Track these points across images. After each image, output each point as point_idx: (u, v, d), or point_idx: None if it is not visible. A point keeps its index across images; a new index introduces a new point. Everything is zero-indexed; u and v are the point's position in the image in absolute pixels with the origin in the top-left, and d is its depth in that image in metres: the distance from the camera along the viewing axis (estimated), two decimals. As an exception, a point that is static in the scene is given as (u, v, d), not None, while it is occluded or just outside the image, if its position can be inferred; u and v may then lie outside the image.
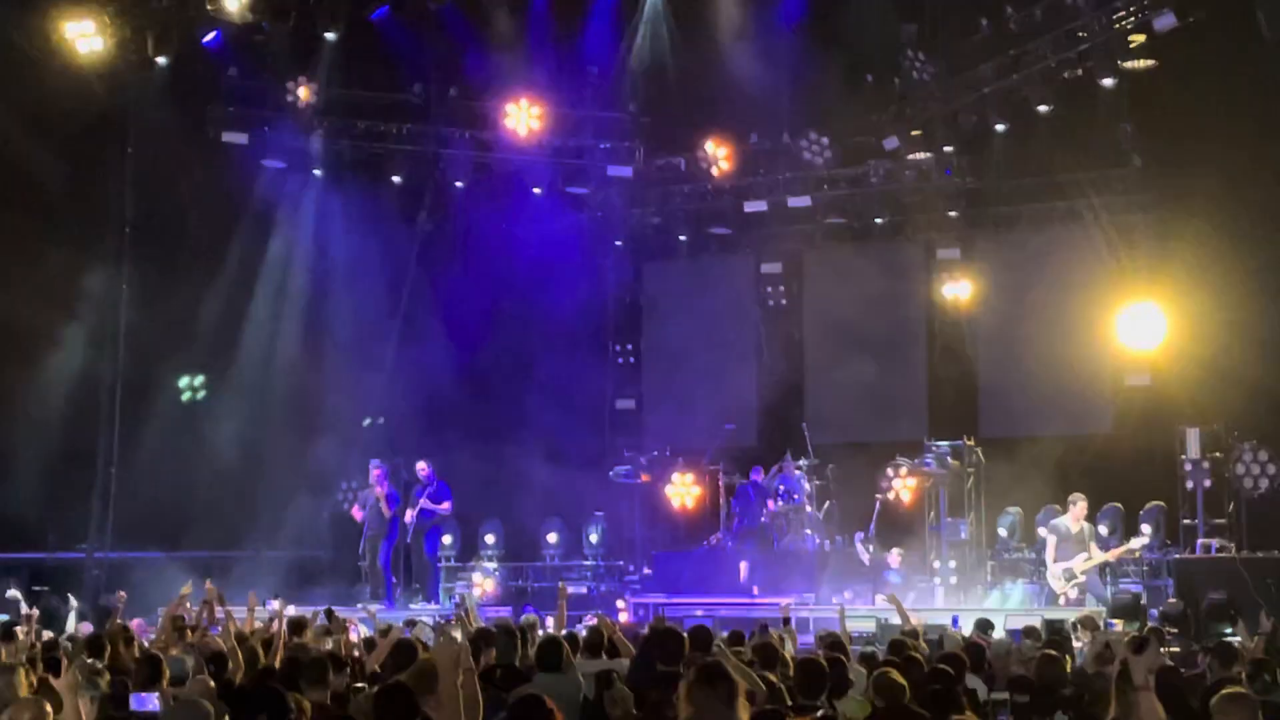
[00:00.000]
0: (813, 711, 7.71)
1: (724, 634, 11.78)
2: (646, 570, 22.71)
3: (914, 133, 23.15)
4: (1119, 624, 16.31)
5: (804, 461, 21.85)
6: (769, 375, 25.48)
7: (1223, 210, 19.89)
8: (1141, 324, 21.35)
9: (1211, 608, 17.36)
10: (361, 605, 18.74)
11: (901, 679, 8.08)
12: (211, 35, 22.26)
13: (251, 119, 23.38)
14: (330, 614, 13.53)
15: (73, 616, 18.62)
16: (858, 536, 21.41)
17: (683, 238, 26.27)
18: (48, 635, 13.84)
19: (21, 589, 19.56)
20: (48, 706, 7.38)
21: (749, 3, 23.60)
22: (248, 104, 23.35)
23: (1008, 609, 18.27)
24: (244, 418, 22.86)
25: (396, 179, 24.67)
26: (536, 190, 25.31)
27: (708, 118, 24.73)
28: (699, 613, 18.26)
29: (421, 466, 21.71)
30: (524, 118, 24.32)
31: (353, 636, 13.01)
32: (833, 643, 11.17)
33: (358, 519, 21.66)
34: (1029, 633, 13.32)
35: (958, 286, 23.59)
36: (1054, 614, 16.85)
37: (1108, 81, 20.75)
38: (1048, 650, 10.73)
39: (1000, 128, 22.32)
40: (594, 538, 23.55)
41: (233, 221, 23.27)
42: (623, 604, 21.10)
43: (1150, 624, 16.54)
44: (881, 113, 23.62)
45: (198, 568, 20.24)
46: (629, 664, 10.12)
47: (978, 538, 21.08)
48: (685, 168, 25.40)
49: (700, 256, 26.37)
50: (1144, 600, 18.49)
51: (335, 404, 23.84)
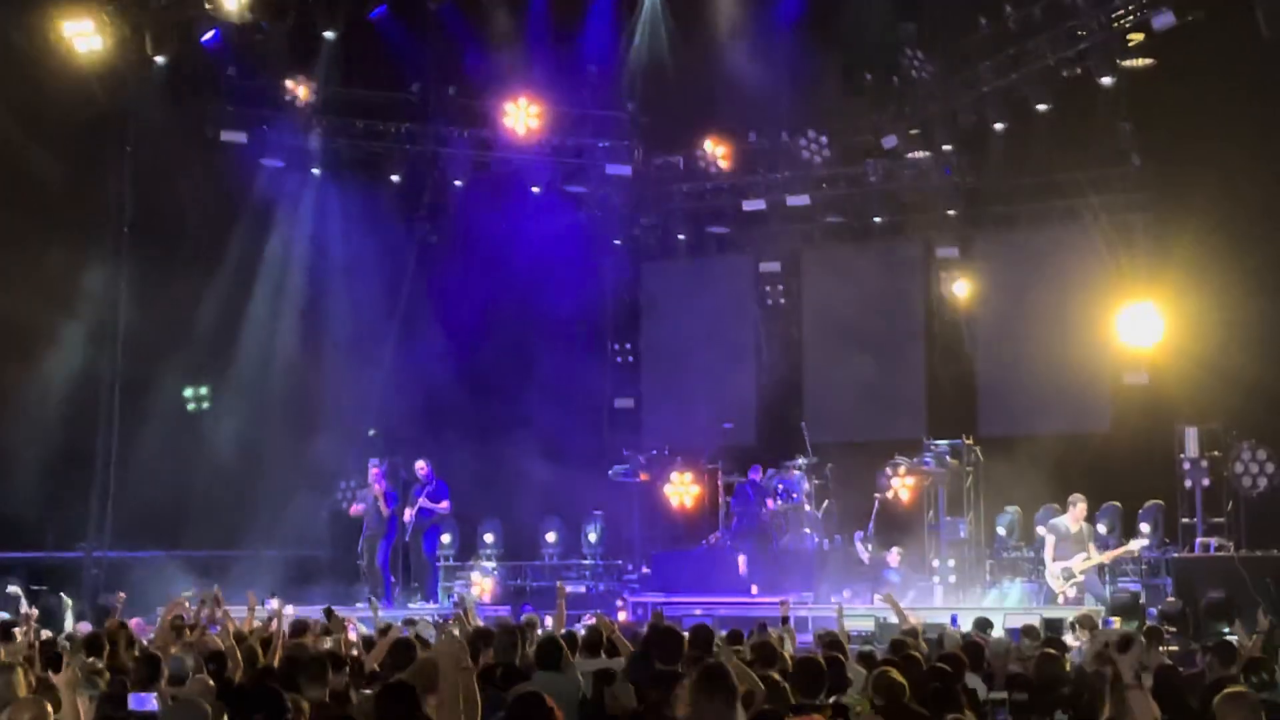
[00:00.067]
0: (811, 711, 7.70)
1: (722, 633, 11.77)
2: (645, 569, 22.70)
3: (913, 131, 23.16)
4: (1117, 622, 16.31)
5: (803, 460, 21.86)
6: (768, 374, 25.49)
7: (1221, 209, 19.87)
8: (1140, 323, 21.35)
9: (1210, 606, 17.36)
10: (364, 603, 18.75)
11: (901, 678, 8.08)
12: (210, 34, 22.24)
13: (250, 118, 23.36)
14: (329, 613, 13.53)
15: (70, 616, 18.61)
16: (857, 536, 21.42)
17: (681, 236, 26.28)
18: (46, 634, 13.83)
19: (21, 588, 19.55)
20: (48, 706, 7.38)
21: (748, 1, 23.61)
22: (247, 103, 23.33)
23: (1006, 608, 18.27)
24: (243, 417, 22.86)
25: (395, 178, 24.66)
26: (535, 189, 25.32)
27: (706, 116, 24.75)
28: (698, 612, 18.27)
29: (420, 465, 21.71)
30: (523, 116, 24.33)
31: (351, 635, 12.99)
32: (831, 642, 11.18)
33: (354, 515, 21.68)
34: (1028, 631, 13.33)
35: (956, 285, 23.59)
36: (1052, 613, 16.88)
37: (1106, 80, 20.76)
38: (1047, 649, 10.74)
39: (999, 127, 22.32)
40: (593, 537, 23.54)
41: (232, 220, 23.26)
42: (621, 603, 21.10)
43: (1149, 623, 16.53)
44: (880, 111, 23.66)
45: (196, 567, 20.33)
46: (627, 662, 10.11)
47: (976, 537, 21.09)
48: (684, 166, 25.41)
49: (699, 255, 26.37)
50: (1143, 599, 18.48)
51: (334, 403, 23.85)
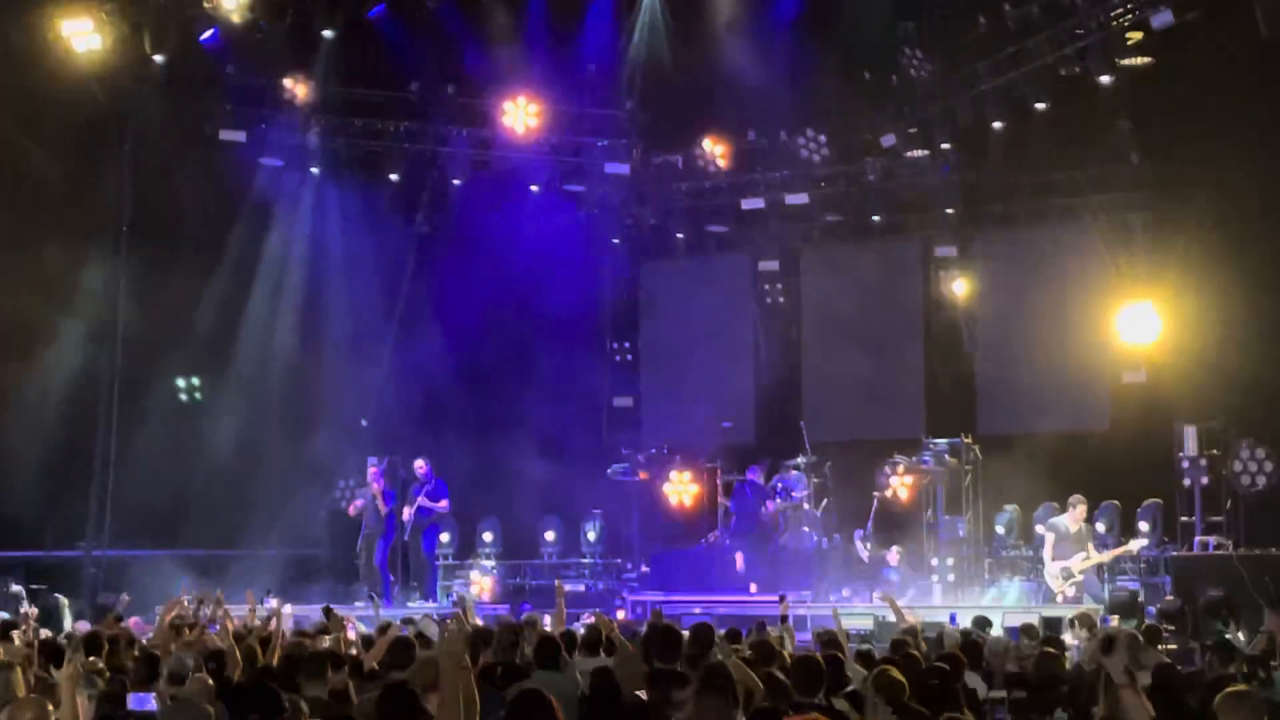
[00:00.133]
0: (810, 710, 7.70)
1: (721, 632, 11.77)
2: (644, 568, 22.70)
3: (911, 130, 23.15)
4: (1115, 621, 16.31)
5: (802, 459, 21.86)
6: (767, 373, 25.50)
7: (1220, 207, 19.88)
8: (1138, 321, 21.36)
9: (1209, 605, 17.34)
10: (364, 602, 18.75)
11: (901, 677, 8.08)
12: (209, 33, 22.26)
13: (249, 117, 23.35)
14: (328, 612, 13.50)
15: (69, 615, 18.60)
16: (857, 534, 21.41)
17: (680, 235, 26.28)
18: (45, 634, 13.82)
19: (23, 587, 19.56)
20: (49, 705, 7.38)
21: (747, 0, 23.60)
22: (245, 102, 23.33)
23: (1005, 606, 18.27)
24: (242, 416, 22.85)
25: (394, 176, 24.64)
26: (534, 188, 25.31)
27: (705, 115, 24.74)
28: (697, 610, 18.27)
29: (419, 464, 21.70)
30: (521, 115, 24.33)
31: (350, 635, 12.97)
32: (829, 640, 11.17)
33: (353, 514, 21.68)
34: (1027, 630, 13.34)
35: (955, 284, 23.60)
36: (1051, 612, 16.87)
37: (1105, 79, 20.73)
38: (1046, 648, 10.74)
39: (998, 125, 22.29)
40: (592, 536, 23.54)
41: (231, 219, 23.27)
42: (620, 602, 21.10)
43: (1148, 621, 16.53)
44: (879, 110, 23.67)
45: (195, 566, 20.32)
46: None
47: (975, 535, 21.08)
48: (683, 165, 25.40)
49: (698, 254, 26.38)
50: (1142, 597, 18.47)
51: (333, 402, 23.85)
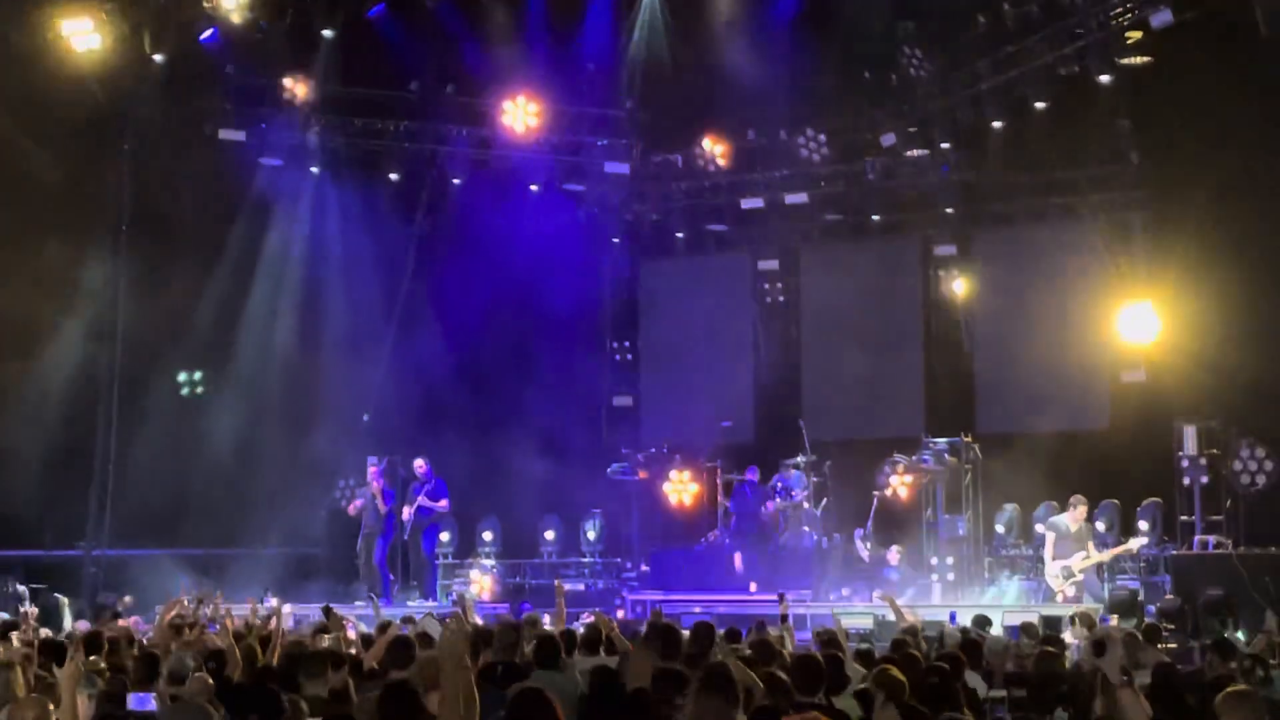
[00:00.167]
0: (810, 709, 7.70)
1: (720, 631, 11.76)
2: (644, 567, 22.70)
3: (911, 129, 23.15)
4: (1114, 620, 16.31)
5: (801, 458, 21.86)
6: (766, 372, 25.49)
7: (1219, 206, 19.88)
8: (1138, 320, 21.35)
9: (1208, 604, 17.36)
10: (363, 601, 18.76)
11: (901, 676, 8.08)
12: (209, 33, 22.25)
13: (249, 116, 23.35)
14: (328, 611, 13.50)
15: (68, 614, 18.60)
16: (858, 533, 21.42)
17: (680, 234, 26.28)
18: (45, 633, 13.82)
19: (20, 587, 19.56)
20: (50, 705, 7.38)
21: (746, -1, 23.64)
22: (245, 101, 23.33)
23: (1004, 606, 18.27)
24: (241, 415, 22.84)
25: (394, 176, 24.65)
26: (534, 187, 25.31)
27: (704, 114, 24.75)
28: (697, 610, 18.27)
29: (419, 464, 21.69)
30: (521, 114, 24.33)
31: (350, 634, 12.97)
32: (829, 640, 11.17)
33: (352, 514, 21.68)
34: (1026, 629, 13.33)
35: (954, 283, 23.60)
36: (1050, 611, 16.87)
37: (1105, 78, 20.75)
38: (1046, 647, 10.74)
39: (997, 124, 22.29)
40: (591, 535, 23.54)
41: (230, 219, 23.27)
42: (619, 601, 21.11)
43: (1147, 620, 16.55)
44: (878, 109, 23.66)
45: (195, 565, 20.32)
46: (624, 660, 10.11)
47: (975, 534, 21.08)
48: (682, 164, 25.41)
49: (697, 253, 26.38)
50: (1141, 596, 18.48)
51: (333, 401, 23.84)
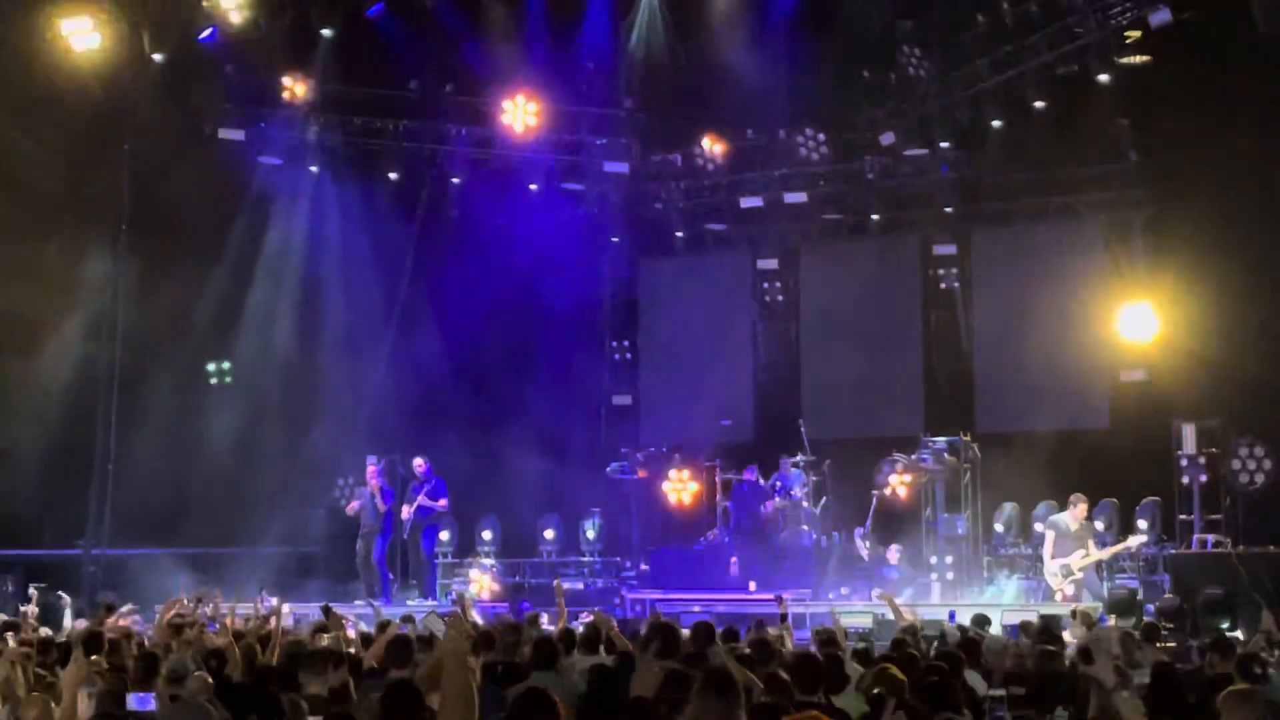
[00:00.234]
0: (810, 708, 7.70)
1: (719, 630, 11.76)
2: (643, 566, 22.70)
3: (910, 128, 23.16)
4: (1112, 620, 16.31)
5: (800, 457, 21.86)
6: (765, 371, 25.50)
7: (1218, 205, 19.89)
8: (1137, 319, 21.36)
9: (1207, 603, 17.37)
10: (363, 600, 18.76)
11: (901, 675, 8.10)
12: (208, 32, 22.26)
13: (248, 115, 23.38)
14: (327, 610, 13.50)
15: (69, 614, 18.59)
16: (858, 532, 21.43)
17: (679, 234, 26.28)
18: (45, 632, 13.82)
19: (19, 586, 19.54)
20: (53, 705, 7.39)
21: (745, -1, 23.64)
22: (244, 100, 23.35)
23: (1003, 605, 18.28)
24: (241, 414, 22.84)
25: (393, 175, 24.66)
26: (533, 186, 25.32)
27: (704, 114, 24.77)
28: (696, 609, 18.27)
29: (418, 463, 21.67)
30: (520, 114, 24.34)
31: (350, 633, 12.97)
32: (827, 639, 11.17)
33: (350, 513, 21.67)
34: (1025, 628, 13.33)
35: (954, 282, 23.61)
36: (1050, 609, 16.86)
37: (1103, 77, 20.78)
38: (1046, 646, 10.75)
39: (996, 123, 22.33)
40: (591, 534, 23.54)
41: (230, 218, 23.27)
42: (618, 601, 21.11)
43: (1146, 619, 16.56)
44: (878, 108, 23.66)
45: (194, 564, 20.31)
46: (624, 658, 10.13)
47: (974, 533, 21.09)
48: (682, 164, 25.42)
49: (697, 252, 26.39)
50: (1140, 595, 18.48)
51: (332, 401, 23.83)
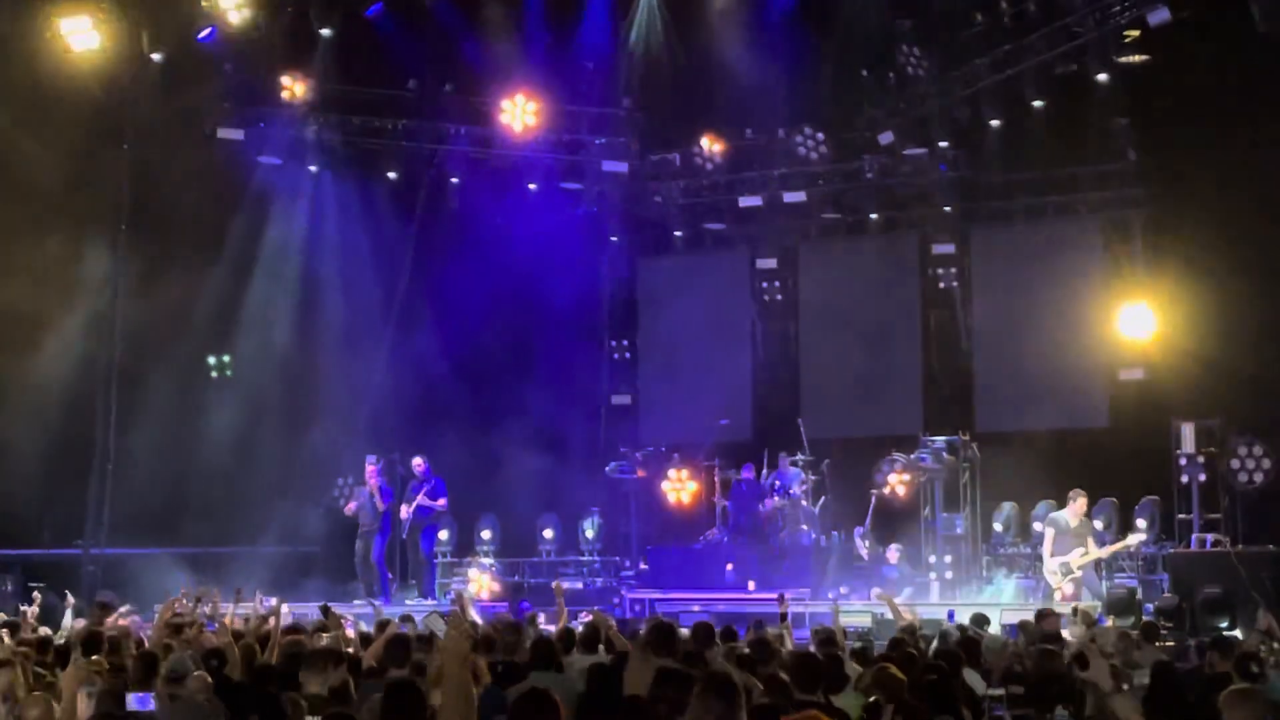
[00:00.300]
0: (809, 708, 7.71)
1: (717, 630, 11.77)
2: (642, 566, 22.71)
3: (909, 128, 23.16)
4: (1110, 620, 16.32)
5: (800, 456, 21.86)
6: (764, 370, 25.50)
7: (1217, 204, 19.91)
8: (1136, 318, 21.38)
9: (1206, 602, 17.38)
10: (362, 600, 18.77)
11: (900, 674, 8.10)
12: (207, 31, 22.26)
13: (247, 115, 23.37)
14: (326, 610, 13.51)
15: (69, 614, 18.58)
16: (857, 531, 21.43)
17: (678, 233, 26.28)
18: (45, 631, 13.82)
19: (18, 586, 19.53)
20: (54, 704, 7.39)
21: (744, -2, 23.65)
22: (243, 100, 23.34)
23: (1002, 604, 18.28)
24: (240, 414, 22.83)
25: (392, 174, 24.65)
26: (532, 186, 25.32)
27: (703, 113, 24.77)
28: (696, 608, 18.28)
29: (417, 462, 21.67)
30: (520, 113, 24.34)
31: (349, 632, 12.98)
32: (826, 638, 11.16)
33: (348, 513, 21.67)
34: (1025, 627, 13.33)
35: (953, 281, 23.62)
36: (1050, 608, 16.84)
37: (1102, 76, 20.81)
38: (1044, 645, 10.74)
39: (995, 123, 22.36)
40: (590, 533, 23.55)
41: (229, 217, 23.25)
42: (617, 600, 21.11)
43: (1145, 618, 16.56)
44: (877, 108, 23.66)
45: (193, 564, 20.30)
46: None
47: (973, 532, 21.10)
48: (680, 163, 25.41)
49: (696, 251, 26.38)
50: (1139, 595, 18.49)
51: (331, 400, 23.83)
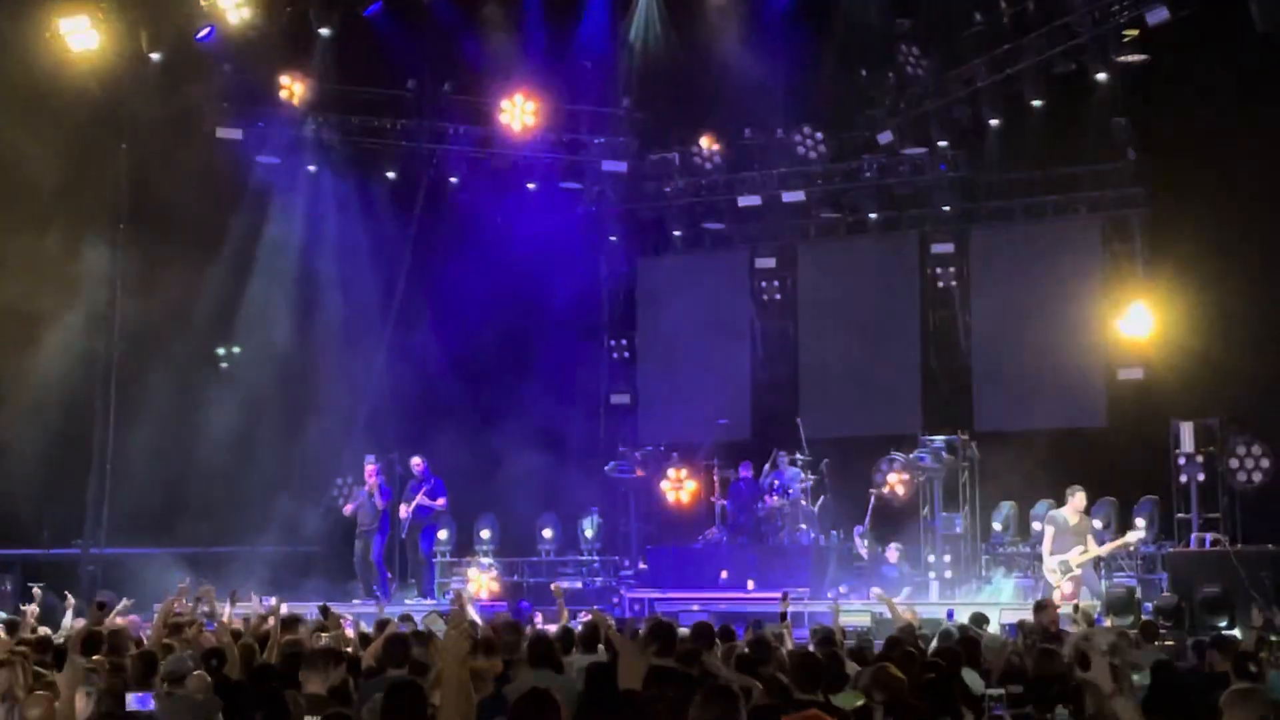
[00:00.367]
0: (809, 707, 7.71)
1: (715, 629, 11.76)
2: (642, 565, 22.71)
3: (908, 127, 23.16)
4: (1109, 620, 16.32)
5: (799, 456, 21.86)
6: (763, 369, 25.48)
7: (1216, 203, 19.94)
8: (1135, 317, 21.39)
9: (1205, 601, 17.39)
10: (360, 600, 18.77)
11: (900, 674, 8.10)
12: (205, 31, 22.25)
13: (246, 114, 23.37)
14: (325, 610, 13.52)
15: (69, 614, 18.58)
16: (856, 531, 21.44)
17: (677, 232, 26.27)
18: (44, 631, 13.82)
19: (17, 585, 19.53)
20: (56, 704, 7.40)
21: (743, -3, 23.65)
22: (242, 99, 23.33)
23: (1001, 603, 18.29)
24: (239, 413, 22.82)
25: (391, 174, 24.65)
26: (531, 185, 25.33)
27: (702, 112, 24.79)
28: (695, 608, 18.28)
29: (416, 462, 21.67)
30: (519, 113, 24.35)
31: (349, 632, 12.99)
32: (824, 638, 11.17)
33: (347, 514, 21.66)
34: (1024, 626, 13.33)
35: (952, 280, 23.62)
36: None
37: (1101, 76, 20.83)
38: (1044, 644, 10.74)
39: (994, 122, 22.37)
40: (589, 533, 23.55)
41: (228, 217, 23.23)
42: (616, 600, 21.11)
43: (1144, 618, 16.56)
44: (876, 107, 23.66)
45: (192, 563, 20.28)
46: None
47: (972, 532, 21.11)
48: (680, 162, 25.42)
49: (695, 251, 26.37)
50: (1138, 594, 18.49)
51: (331, 400, 23.83)
